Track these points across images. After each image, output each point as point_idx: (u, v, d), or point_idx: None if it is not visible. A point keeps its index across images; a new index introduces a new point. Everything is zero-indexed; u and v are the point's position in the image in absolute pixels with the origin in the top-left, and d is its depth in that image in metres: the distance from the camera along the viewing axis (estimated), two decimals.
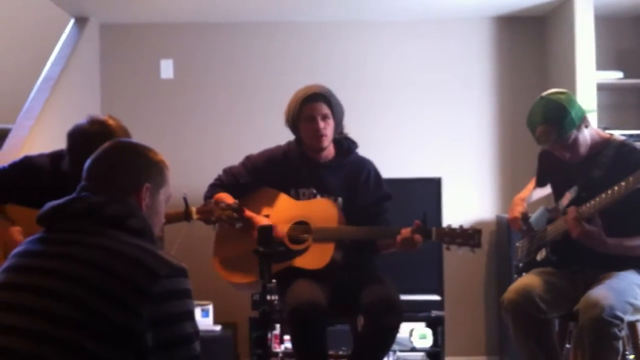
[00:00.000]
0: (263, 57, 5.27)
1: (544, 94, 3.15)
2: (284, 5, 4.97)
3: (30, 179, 2.98)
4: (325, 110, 3.40)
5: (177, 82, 5.29)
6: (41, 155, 3.09)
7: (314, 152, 3.47)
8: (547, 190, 3.52)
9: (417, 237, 3.21)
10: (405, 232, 3.22)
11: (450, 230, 3.23)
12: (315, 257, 3.31)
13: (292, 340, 3.16)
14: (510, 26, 5.28)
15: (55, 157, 3.04)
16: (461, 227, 3.24)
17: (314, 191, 3.45)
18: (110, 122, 2.92)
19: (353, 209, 3.43)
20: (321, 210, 3.38)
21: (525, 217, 3.36)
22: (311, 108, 3.39)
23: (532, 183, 3.54)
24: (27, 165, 3.04)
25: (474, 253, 3.27)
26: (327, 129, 3.41)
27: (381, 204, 3.49)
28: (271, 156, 3.54)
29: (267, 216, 3.37)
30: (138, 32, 5.31)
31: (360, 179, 3.49)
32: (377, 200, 3.49)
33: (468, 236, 3.22)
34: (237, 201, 3.32)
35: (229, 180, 3.52)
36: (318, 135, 3.40)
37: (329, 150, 3.50)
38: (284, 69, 5.26)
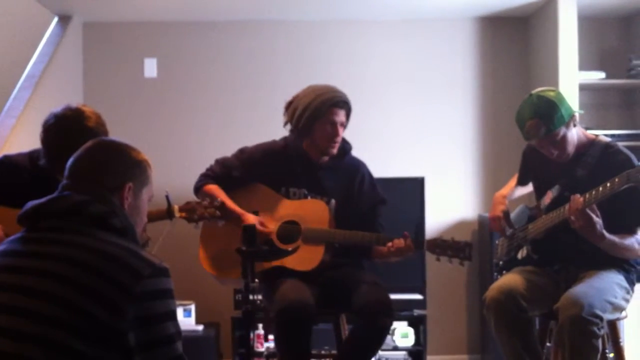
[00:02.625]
0: (247, 56, 5.27)
1: (534, 91, 3.15)
2: (269, 3, 4.96)
3: (10, 177, 2.97)
4: (344, 118, 3.40)
5: (161, 81, 5.27)
6: (20, 154, 3.07)
7: (316, 153, 3.44)
8: (528, 188, 3.54)
9: (410, 244, 3.22)
10: (398, 242, 3.23)
11: (442, 242, 3.24)
12: (305, 258, 3.30)
13: (277, 340, 3.15)
14: (494, 26, 5.30)
15: (34, 155, 3.03)
16: (452, 239, 3.25)
17: (305, 192, 3.43)
18: (84, 107, 2.94)
19: (346, 212, 3.43)
20: (312, 211, 3.38)
21: (507, 215, 3.38)
22: (336, 113, 3.36)
23: (514, 180, 3.55)
24: (6, 164, 3.02)
25: (463, 266, 3.29)
26: (341, 136, 3.42)
27: (376, 209, 3.49)
28: (267, 150, 3.50)
29: (256, 212, 3.36)
30: (121, 30, 5.29)
31: (355, 182, 3.48)
32: (372, 205, 3.48)
33: (459, 249, 3.23)
34: (219, 199, 3.32)
35: (221, 172, 3.48)
36: (335, 141, 3.39)
37: None
38: (269, 68, 5.25)
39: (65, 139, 2.80)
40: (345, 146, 3.51)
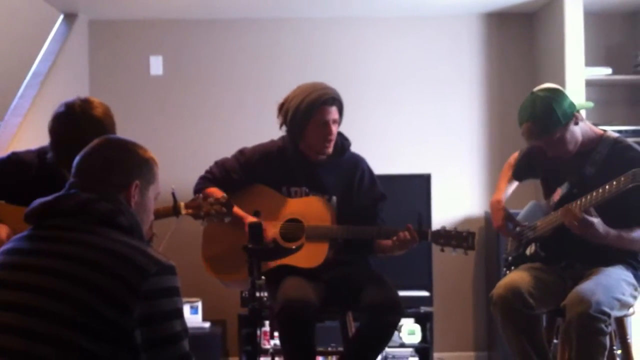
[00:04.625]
0: (253, 54, 5.27)
1: (535, 89, 3.15)
2: (274, 1, 4.96)
3: (18, 174, 2.97)
4: (337, 115, 3.36)
5: (167, 78, 5.28)
6: (28, 152, 3.08)
7: (312, 152, 3.43)
8: (515, 184, 3.54)
9: (415, 235, 3.21)
10: (403, 234, 3.22)
11: (445, 232, 3.24)
12: (310, 255, 3.29)
13: (281, 338, 3.15)
14: (500, 22, 5.29)
15: (42, 152, 3.04)
16: (455, 229, 3.25)
17: (307, 190, 3.42)
18: (93, 98, 2.98)
19: (347, 208, 3.41)
20: (314, 208, 3.37)
21: (509, 216, 3.36)
22: (326, 112, 3.31)
23: (503, 181, 3.53)
24: (14, 161, 3.03)
25: (467, 255, 3.29)
26: (335, 134, 3.38)
27: (376, 204, 3.48)
28: (265, 152, 3.48)
29: (257, 213, 3.34)
30: (127, 28, 5.30)
31: (355, 178, 3.46)
32: (373, 201, 3.47)
33: (462, 238, 3.23)
34: (225, 195, 3.30)
35: (220, 174, 3.46)
36: (329, 140, 3.35)
37: None
38: (274, 66, 5.25)
39: (73, 127, 2.85)
40: (344, 143, 3.49)
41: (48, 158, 2.97)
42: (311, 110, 3.31)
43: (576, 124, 3.10)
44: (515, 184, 3.55)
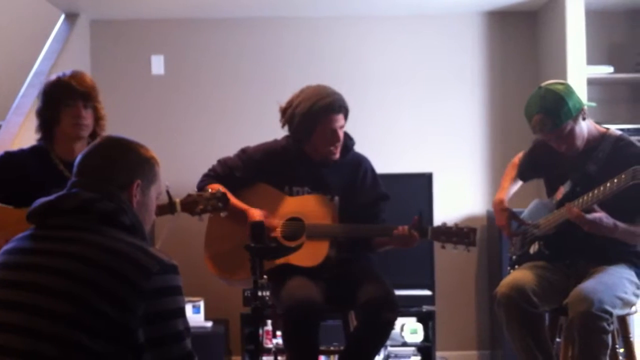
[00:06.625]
0: (255, 53, 5.27)
1: (543, 84, 3.15)
2: (276, 0, 4.96)
3: (12, 171, 3.00)
4: (343, 121, 3.36)
5: (168, 78, 5.27)
6: (21, 150, 3.13)
7: (317, 155, 3.42)
8: (519, 184, 3.54)
9: (415, 234, 3.22)
10: (403, 229, 3.22)
11: (446, 229, 3.24)
12: (310, 254, 3.29)
13: (285, 337, 3.15)
14: (502, 21, 5.29)
15: (35, 150, 3.08)
16: (456, 225, 3.25)
17: (309, 190, 3.42)
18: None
19: (350, 207, 3.42)
20: (315, 206, 3.36)
21: (513, 216, 3.36)
22: (334, 120, 3.31)
23: (507, 181, 3.53)
24: (6, 160, 3.06)
25: (469, 252, 3.28)
26: (342, 139, 3.38)
27: (378, 204, 3.48)
28: (269, 150, 3.49)
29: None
30: (129, 28, 5.30)
31: (357, 177, 3.47)
32: (374, 200, 3.47)
33: (463, 235, 3.23)
34: (219, 189, 3.26)
35: (223, 172, 3.46)
36: (336, 146, 3.36)
37: None
38: (276, 65, 5.25)
39: (65, 82, 3.02)
40: (348, 142, 3.49)
41: (37, 137, 3.07)
42: (319, 118, 3.31)
43: (584, 118, 3.11)
44: (519, 183, 3.55)
